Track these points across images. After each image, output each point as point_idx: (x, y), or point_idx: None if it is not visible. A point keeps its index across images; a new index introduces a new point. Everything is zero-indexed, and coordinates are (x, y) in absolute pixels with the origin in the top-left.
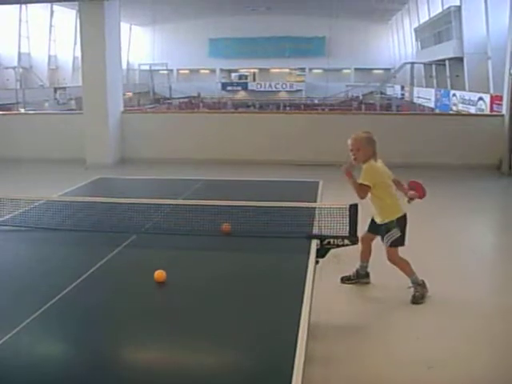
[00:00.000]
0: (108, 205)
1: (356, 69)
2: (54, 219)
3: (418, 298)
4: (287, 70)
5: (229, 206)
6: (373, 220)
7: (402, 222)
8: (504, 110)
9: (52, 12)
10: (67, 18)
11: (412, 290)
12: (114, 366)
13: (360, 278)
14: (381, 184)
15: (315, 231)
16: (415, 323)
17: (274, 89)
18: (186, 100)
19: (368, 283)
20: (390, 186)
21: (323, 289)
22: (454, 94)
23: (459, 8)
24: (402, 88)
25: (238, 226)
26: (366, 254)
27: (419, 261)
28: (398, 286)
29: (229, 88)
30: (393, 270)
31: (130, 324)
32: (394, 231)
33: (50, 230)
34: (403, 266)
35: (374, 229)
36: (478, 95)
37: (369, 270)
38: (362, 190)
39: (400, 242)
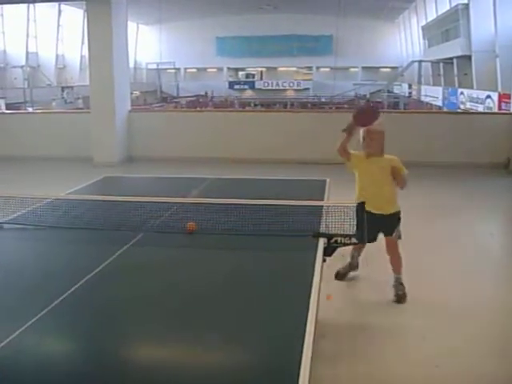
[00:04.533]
0: (115, 203)
1: (363, 67)
2: (61, 218)
3: (403, 297)
4: (294, 69)
5: (236, 204)
6: (375, 214)
7: None
8: None
9: (60, 11)
10: (75, 18)
11: (394, 288)
12: (120, 365)
13: (352, 269)
14: None
15: (322, 229)
16: (421, 323)
17: (281, 87)
18: (193, 99)
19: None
20: None
21: (331, 286)
22: (461, 93)
23: (467, 6)
24: (410, 86)
25: (245, 225)
26: (358, 247)
27: (424, 260)
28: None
29: (236, 87)
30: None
31: (136, 323)
32: (399, 223)
33: (56, 229)
34: (399, 260)
35: (376, 226)
36: (486, 93)
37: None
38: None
39: (400, 234)
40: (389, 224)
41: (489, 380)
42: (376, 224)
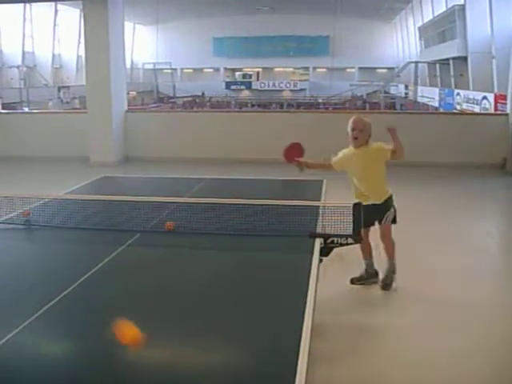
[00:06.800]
0: (112, 203)
1: (360, 68)
2: (58, 217)
3: (389, 285)
4: (291, 69)
5: (233, 204)
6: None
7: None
8: (508, 108)
9: (56, 11)
10: (71, 17)
11: (385, 274)
12: (117, 365)
13: (370, 277)
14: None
15: (319, 230)
16: (418, 322)
17: (277, 88)
18: (190, 99)
19: (376, 283)
20: None
21: (326, 287)
22: (458, 93)
23: (463, 7)
24: (406, 87)
25: (241, 225)
26: (367, 251)
27: (422, 259)
28: (401, 285)
29: (233, 87)
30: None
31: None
32: (391, 208)
33: (53, 228)
34: (392, 246)
35: (370, 216)
36: (482, 94)
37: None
38: None
39: (395, 218)
40: (382, 212)
41: (489, 382)
42: (370, 215)
